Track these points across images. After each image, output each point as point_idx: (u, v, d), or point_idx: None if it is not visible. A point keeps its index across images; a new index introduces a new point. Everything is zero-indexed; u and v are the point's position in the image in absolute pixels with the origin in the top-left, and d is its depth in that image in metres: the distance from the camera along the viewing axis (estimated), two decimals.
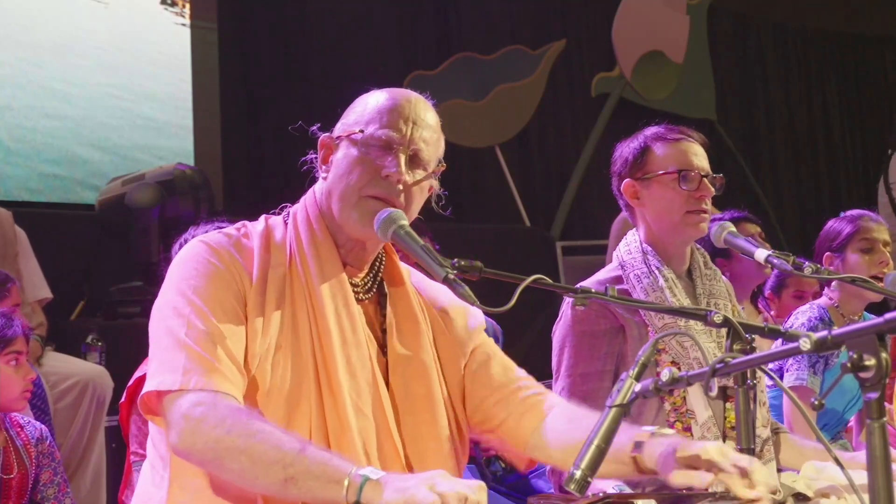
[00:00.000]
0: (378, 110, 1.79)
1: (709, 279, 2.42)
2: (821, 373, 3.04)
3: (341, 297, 1.75)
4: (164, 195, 5.01)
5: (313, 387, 1.70)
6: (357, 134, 1.77)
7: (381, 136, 1.76)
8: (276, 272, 1.75)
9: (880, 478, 1.16)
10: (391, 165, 1.74)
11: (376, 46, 7.22)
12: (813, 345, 1.23)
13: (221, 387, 1.61)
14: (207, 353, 1.63)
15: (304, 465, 1.51)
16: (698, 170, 2.37)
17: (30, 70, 5.85)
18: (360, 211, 1.74)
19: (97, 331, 4.48)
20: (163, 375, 1.64)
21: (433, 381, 1.82)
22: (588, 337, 2.32)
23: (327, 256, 1.77)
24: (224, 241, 1.76)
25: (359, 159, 1.76)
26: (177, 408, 1.61)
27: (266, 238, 1.79)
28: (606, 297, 1.70)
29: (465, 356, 1.91)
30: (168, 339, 1.67)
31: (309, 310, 1.73)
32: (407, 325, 1.84)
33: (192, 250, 1.76)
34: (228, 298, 1.69)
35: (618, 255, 2.45)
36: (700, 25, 8.67)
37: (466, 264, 1.65)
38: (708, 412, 2.23)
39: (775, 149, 9.40)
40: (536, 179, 8.11)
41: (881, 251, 3.17)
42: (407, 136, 1.77)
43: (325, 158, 1.83)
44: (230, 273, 1.72)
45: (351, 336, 1.74)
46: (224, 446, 1.55)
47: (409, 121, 1.78)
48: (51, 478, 3.00)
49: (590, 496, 1.64)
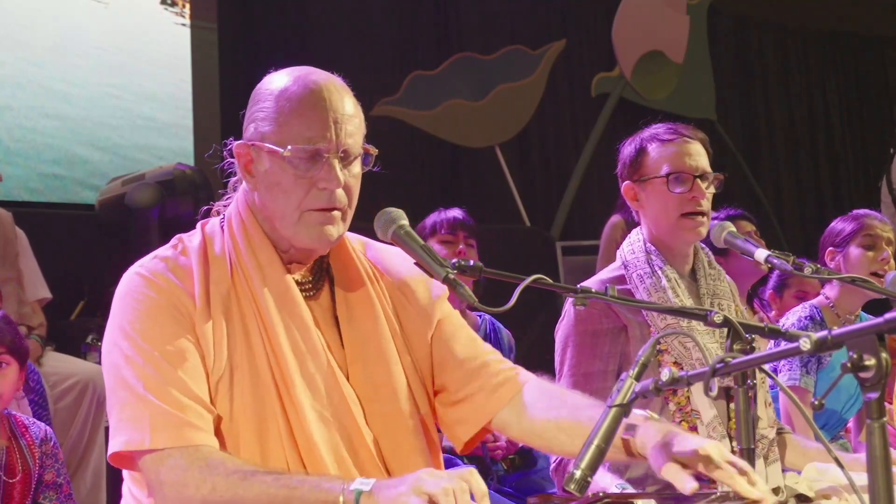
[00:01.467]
0: (295, 115, 1.66)
1: (713, 279, 2.41)
2: (814, 372, 3.05)
3: (288, 303, 1.69)
4: (164, 195, 5.00)
5: (276, 403, 1.65)
6: (279, 150, 1.65)
7: (308, 150, 1.65)
8: (218, 288, 1.68)
9: (880, 478, 1.16)
10: (328, 178, 1.65)
11: (376, 46, 7.22)
12: (813, 345, 1.23)
13: (194, 439, 1.57)
14: (171, 406, 1.58)
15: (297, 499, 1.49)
16: (691, 170, 2.34)
17: (30, 70, 5.85)
18: (306, 225, 1.68)
19: (97, 331, 4.48)
20: (129, 433, 1.59)
21: (393, 363, 1.76)
22: (590, 336, 2.31)
23: (268, 261, 1.71)
24: (159, 267, 1.69)
25: (289, 176, 1.66)
26: (154, 473, 1.57)
27: (203, 252, 1.72)
28: (606, 297, 1.70)
29: (430, 327, 1.84)
30: (125, 392, 1.61)
31: (259, 324, 1.67)
32: (360, 309, 1.77)
33: (129, 285, 1.69)
34: (177, 331, 1.63)
35: (621, 255, 2.44)
36: (700, 25, 8.67)
37: (466, 264, 1.65)
38: (713, 411, 2.23)
39: (775, 149, 9.39)
40: (536, 179, 8.11)
41: (883, 248, 3.17)
42: (333, 139, 1.66)
43: (246, 167, 1.73)
44: (171, 303, 1.64)
45: (304, 344, 1.68)
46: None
47: (331, 121, 1.66)
48: (54, 479, 2.99)
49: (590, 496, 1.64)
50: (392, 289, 1.84)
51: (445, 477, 1.45)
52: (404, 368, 1.78)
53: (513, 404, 1.81)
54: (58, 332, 4.49)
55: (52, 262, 4.52)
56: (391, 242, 1.73)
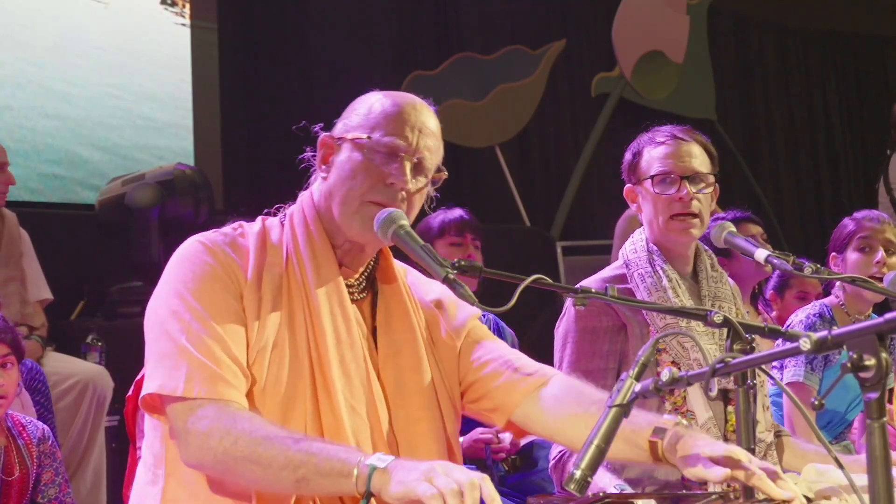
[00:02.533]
0: (384, 115, 1.79)
1: (715, 281, 2.41)
2: (820, 370, 3.04)
3: (337, 298, 1.76)
4: (164, 195, 5.00)
5: (308, 386, 1.71)
6: (362, 139, 1.77)
7: (388, 143, 1.76)
8: (272, 272, 1.76)
9: (880, 478, 1.16)
10: (397, 173, 1.76)
11: (376, 46, 7.22)
12: (813, 345, 1.23)
13: (225, 394, 1.63)
14: (209, 360, 1.63)
15: (313, 465, 1.53)
16: (677, 171, 2.34)
17: (30, 70, 5.85)
18: (362, 216, 1.75)
19: (97, 331, 4.48)
20: (164, 379, 1.64)
21: (424, 373, 1.83)
22: (590, 333, 2.32)
23: (324, 258, 1.78)
24: (220, 239, 1.77)
25: (363, 164, 1.76)
26: (182, 420, 1.63)
27: (262, 238, 1.80)
28: (606, 297, 1.70)
29: (459, 339, 1.93)
30: (167, 342, 1.67)
31: (305, 310, 1.74)
32: (398, 320, 1.85)
33: (188, 250, 1.76)
34: (227, 298, 1.70)
35: (624, 254, 2.44)
36: (700, 25, 8.67)
37: (466, 264, 1.65)
38: (708, 413, 2.23)
39: (775, 149, 9.39)
40: (536, 179, 8.11)
41: (877, 250, 3.16)
42: (412, 144, 1.78)
43: (325, 158, 1.83)
44: (226, 272, 1.72)
45: (345, 336, 1.75)
46: (233, 457, 1.57)
47: (415, 129, 1.79)
48: (52, 478, 2.99)
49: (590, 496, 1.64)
50: (426, 308, 1.93)
51: (459, 473, 1.45)
52: (433, 381, 1.85)
53: (535, 398, 1.86)
54: (58, 332, 4.49)
55: (52, 262, 4.52)
56: (391, 242, 1.74)
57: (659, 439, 1.68)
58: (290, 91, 6.76)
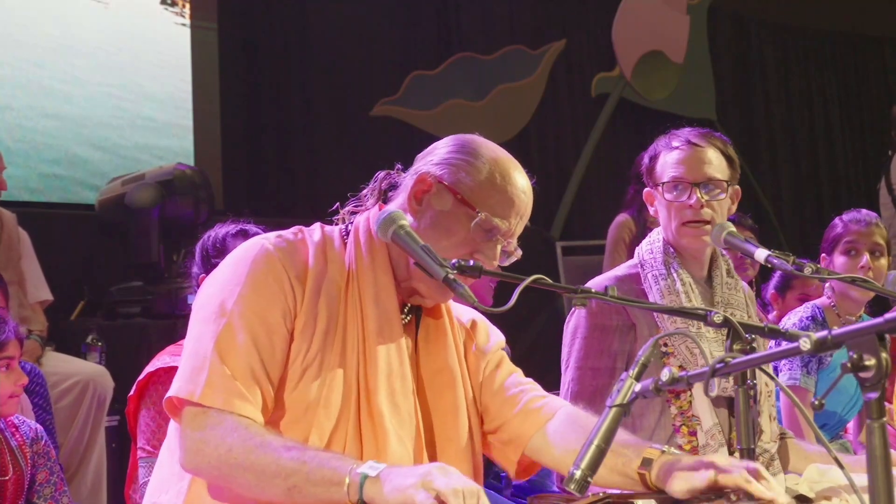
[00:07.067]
0: (501, 191, 1.81)
1: (729, 288, 2.39)
2: (814, 372, 3.05)
3: (391, 325, 1.76)
4: (164, 195, 5.00)
5: (353, 409, 1.71)
6: (474, 209, 1.77)
7: (493, 226, 1.78)
8: (330, 288, 1.75)
9: (880, 478, 1.16)
10: (489, 254, 1.78)
11: (376, 46, 7.21)
12: (813, 345, 1.23)
13: (239, 409, 1.62)
14: (232, 371, 1.63)
15: (304, 473, 1.53)
16: (690, 179, 2.33)
17: (30, 70, 5.85)
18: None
19: (97, 331, 4.48)
20: (185, 383, 1.65)
21: (459, 390, 1.85)
22: (600, 330, 2.32)
23: (384, 286, 1.77)
24: (283, 246, 1.75)
25: (462, 233, 1.77)
26: (188, 425, 1.63)
27: (323, 249, 1.78)
28: (606, 297, 1.70)
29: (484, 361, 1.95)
30: (199, 345, 1.67)
31: (359, 334, 1.74)
32: (437, 344, 1.87)
33: (252, 250, 1.75)
34: (273, 312, 1.69)
35: (639, 253, 2.43)
36: (700, 25, 8.66)
37: (466, 265, 1.65)
38: (714, 419, 2.23)
39: (775, 149, 9.39)
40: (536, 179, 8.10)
41: (862, 254, 3.16)
42: (512, 230, 1.82)
43: (417, 194, 1.81)
44: (280, 286, 1.71)
45: (398, 367, 1.75)
46: (227, 465, 1.58)
47: (520, 215, 1.84)
48: (47, 477, 2.98)
49: (590, 496, 1.64)
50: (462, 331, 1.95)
51: (456, 475, 1.45)
52: (466, 401, 1.87)
53: (545, 431, 1.88)
54: (58, 332, 4.50)
55: (52, 262, 4.52)
56: (391, 242, 1.73)
57: (646, 471, 1.71)
58: (290, 91, 6.77)
